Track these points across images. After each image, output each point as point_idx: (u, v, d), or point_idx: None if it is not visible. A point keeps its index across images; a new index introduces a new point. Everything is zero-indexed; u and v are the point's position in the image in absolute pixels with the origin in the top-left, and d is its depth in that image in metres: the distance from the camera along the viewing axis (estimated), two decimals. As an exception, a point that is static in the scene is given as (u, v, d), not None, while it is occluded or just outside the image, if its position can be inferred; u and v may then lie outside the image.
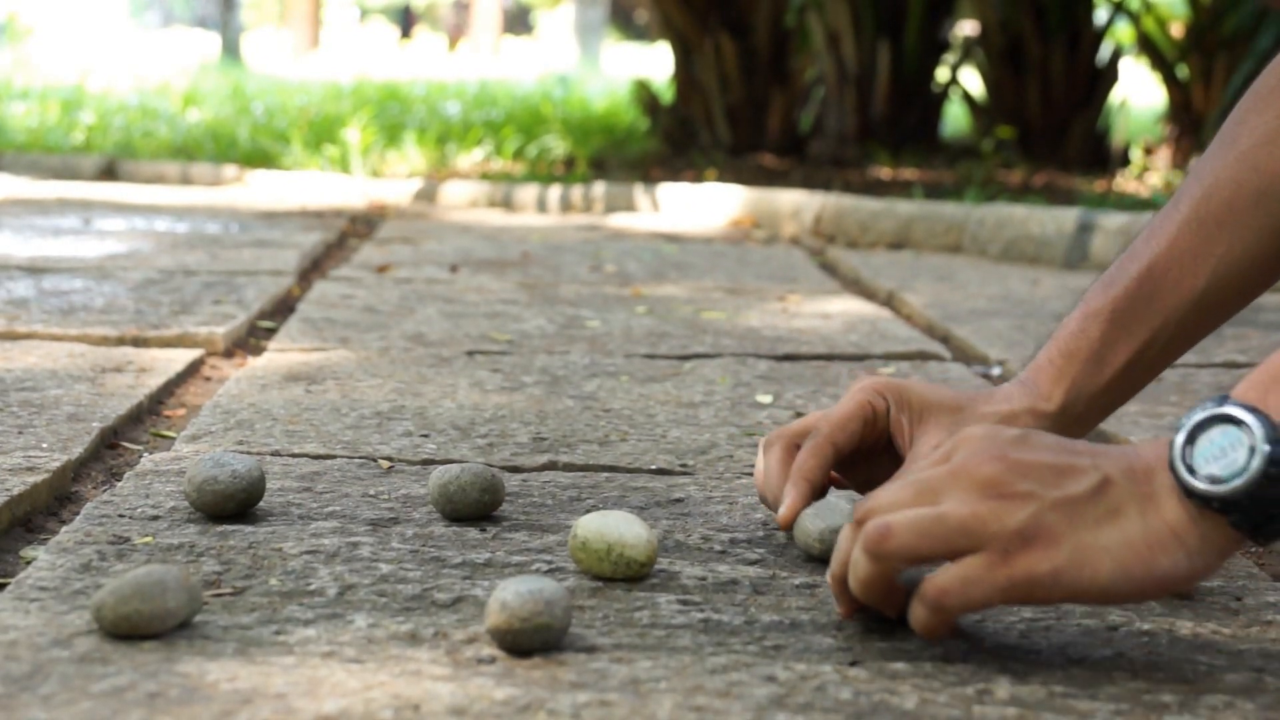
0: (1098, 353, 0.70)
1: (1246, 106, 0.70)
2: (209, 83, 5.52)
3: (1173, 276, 0.69)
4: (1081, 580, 0.52)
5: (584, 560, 0.64)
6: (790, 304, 1.57)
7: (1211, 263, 0.68)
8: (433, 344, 1.26)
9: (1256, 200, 0.68)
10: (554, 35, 19.10)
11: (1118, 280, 0.70)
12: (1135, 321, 0.69)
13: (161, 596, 0.56)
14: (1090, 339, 0.70)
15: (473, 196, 2.77)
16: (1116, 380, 0.71)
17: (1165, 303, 0.69)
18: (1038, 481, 0.53)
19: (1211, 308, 0.70)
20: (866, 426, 0.70)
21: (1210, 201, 0.68)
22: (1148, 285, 0.69)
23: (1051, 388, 0.70)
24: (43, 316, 1.30)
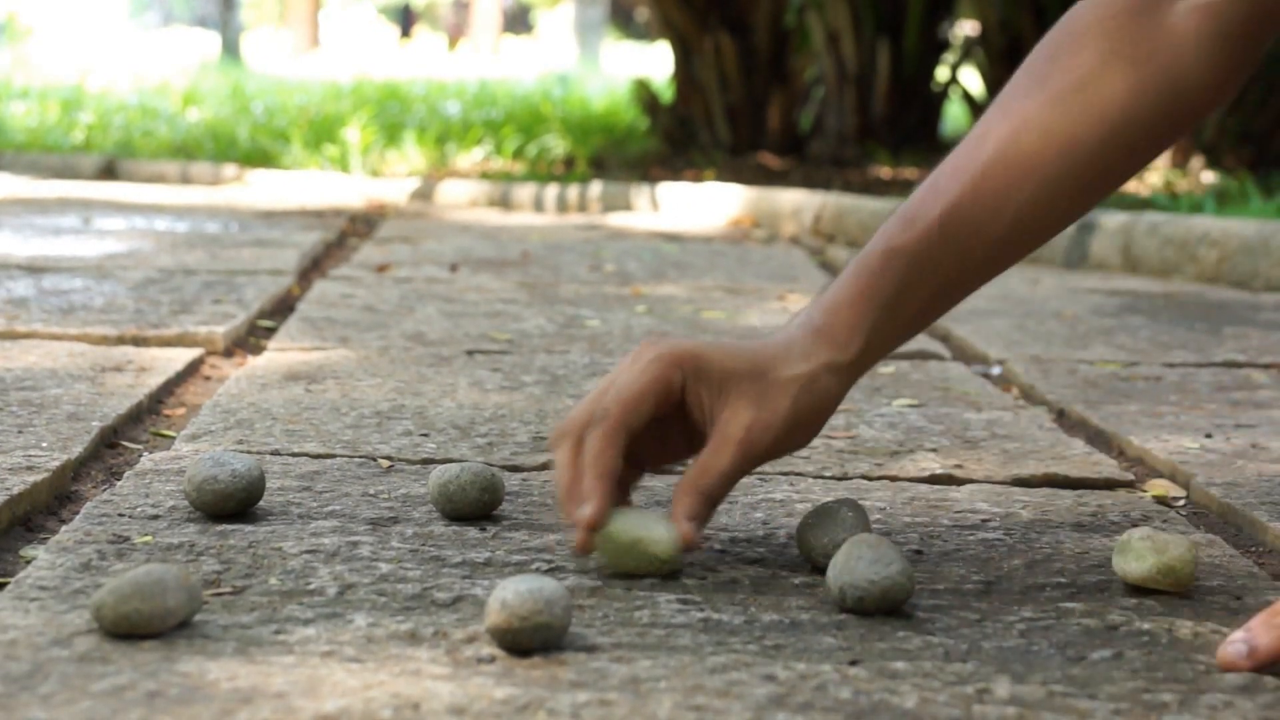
0: (897, 295, 0.66)
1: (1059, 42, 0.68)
2: (209, 82, 5.52)
3: (975, 219, 0.66)
4: None
5: (609, 552, 0.63)
6: (790, 303, 1.57)
7: (1015, 207, 0.66)
8: (432, 343, 1.26)
9: (1064, 147, 0.66)
10: (554, 34, 19.10)
11: (920, 217, 0.66)
12: (936, 263, 0.66)
13: (161, 596, 0.56)
14: (891, 280, 0.66)
15: (472, 196, 2.77)
16: (909, 323, 0.68)
17: (966, 245, 0.66)
18: None
19: (1008, 252, 0.68)
20: (659, 403, 0.63)
21: (1018, 144, 0.66)
22: (951, 226, 0.66)
23: (850, 335, 0.66)
24: (42, 316, 1.30)
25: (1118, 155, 0.68)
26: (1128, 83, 0.67)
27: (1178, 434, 0.97)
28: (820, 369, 0.65)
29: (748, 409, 0.64)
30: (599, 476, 0.62)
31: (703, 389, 0.64)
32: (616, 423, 0.62)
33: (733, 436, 0.64)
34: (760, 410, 0.64)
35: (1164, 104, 0.67)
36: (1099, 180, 0.69)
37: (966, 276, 0.68)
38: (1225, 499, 0.82)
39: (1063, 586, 0.66)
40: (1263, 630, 0.56)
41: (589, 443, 0.63)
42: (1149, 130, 0.68)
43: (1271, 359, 1.27)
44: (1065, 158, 0.67)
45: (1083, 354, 1.28)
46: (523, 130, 3.64)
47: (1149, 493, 0.86)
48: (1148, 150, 0.69)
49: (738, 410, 0.64)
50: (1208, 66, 0.67)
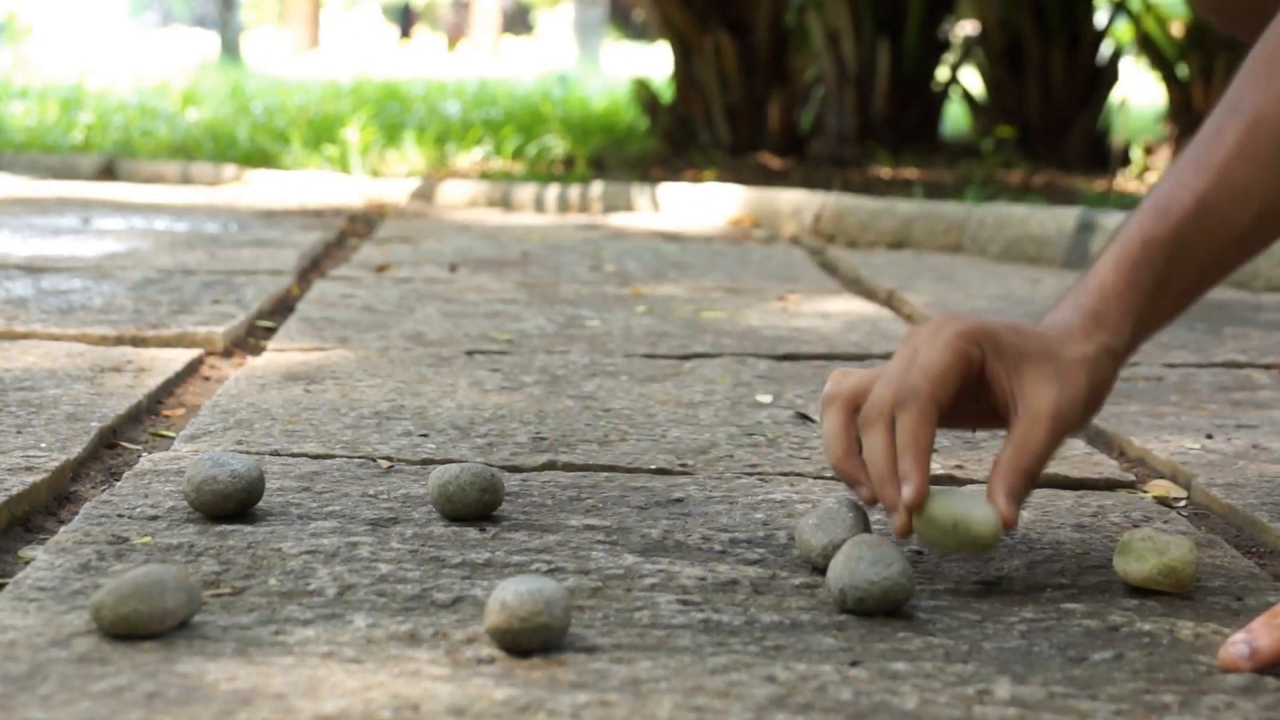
0: (1158, 285, 0.68)
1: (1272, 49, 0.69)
2: (208, 82, 5.52)
3: (1224, 209, 0.68)
4: None
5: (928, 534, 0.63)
6: (790, 304, 1.57)
7: (1258, 200, 0.68)
8: (432, 344, 1.26)
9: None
10: (553, 34, 19.10)
11: (1172, 209, 0.68)
12: (1191, 253, 0.68)
13: (160, 596, 0.56)
14: (1153, 270, 0.68)
15: (472, 196, 2.77)
16: (1167, 312, 0.70)
17: (1217, 235, 0.68)
18: None
19: (1253, 242, 0.70)
20: (964, 379, 0.65)
21: (1257, 135, 0.68)
22: (1202, 217, 0.68)
23: (1121, 323, 0.68)
24: (41, 316, 1.30)
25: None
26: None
27: (1179, 434, 0.97)
28: (1101, 352, 0.67)
29: (1051, 386, 0.65)
30: (917, 456, 0.63)
31: (1000, 365, 0.66)
32: (928, 400, 0.63)
33: (1045, 413, 0.65)
34: (1064, 388, 0.66)
35: None
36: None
37: (1218, 266, 0.70)
38: (1226, 500, 0.82)
39: (1064, 587, 0.66)
40: (1264, 631, 0.56)
41: (904, 422, 0.63)
42: None
43: (1272, 359, 1.26)
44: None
45: (1083, 354, 1.28)
46: (522, 130, 3.64)
47: (1150, 493, 0.85)
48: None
49: (1041, 388, 0.65)
50: None
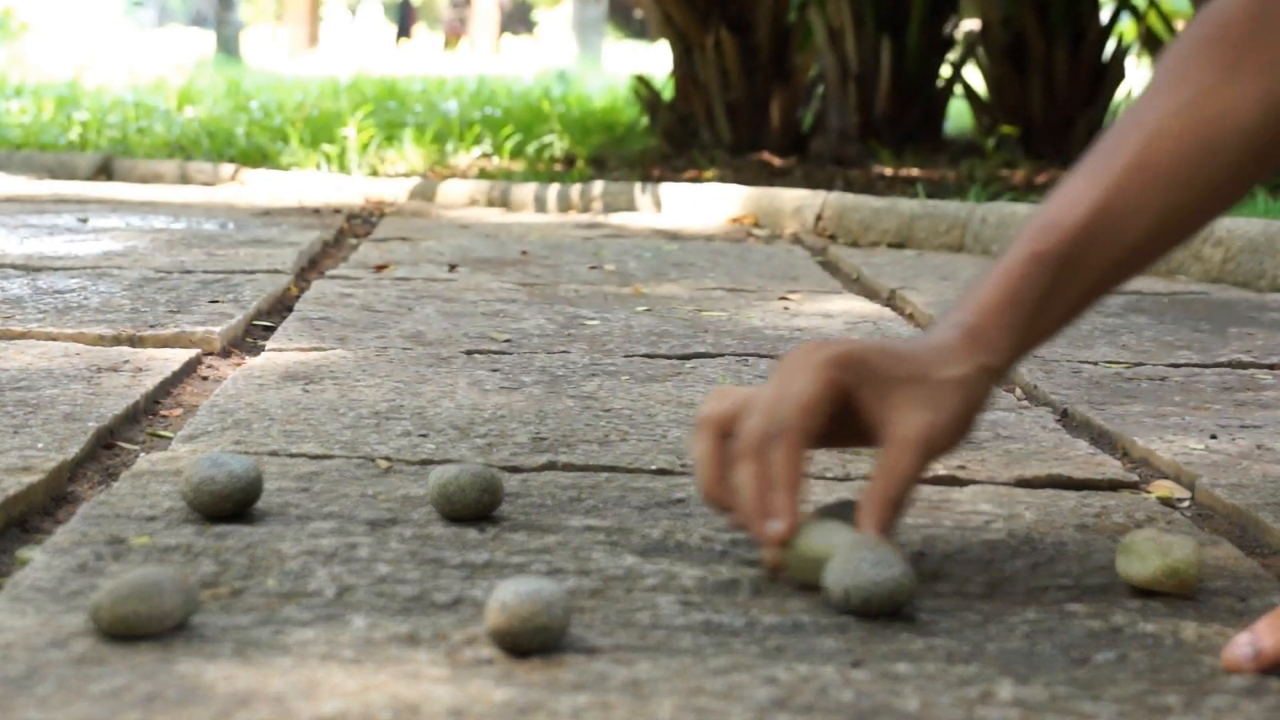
0: (1042, 300, 0.67)
1: (1186, 53, 0.69)
2: (205, 80, 5.51)
3: (1115, 225, 0.67)
4: None
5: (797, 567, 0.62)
6: (792, 303, 1.57)
7: (1152, 215, 0.67)
8: (431, 343, 1.25)
9: (1199, 154, 0.67)
10: (553, 32, 19.09)
11: (1060, 223, 0.67)
12: (1078, 268, 0.67)
13: (158, 597, 0.55)
14: (1037, 286, 0.66)
15: (471, 195, 2.77)
16: (1050, 328, 0.69)
17: (1106, 251, 0.67)
18: None
19: (1145, 255, 0.69)
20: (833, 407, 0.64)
21: (1153, 150, 0.67)
22: (1091, 232, 0.67)
23: (1000, 340, 0.67)
24: (38, 315, 1.30)
25: (1250, 161, 0.69)
26: (1257, 89, 0.67)
27: (1182, 435, 0.97)
28: (978, 371, 0.66)
29: (920, 411, 0.65)
30: (788, 491, 0.63)
31: (869, 391, 0.65)
32: (798, 434, 0.63)
33: (912, 439, 0.64)
34: (933, 412, 0.65)
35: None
36: (1232, 185, 0.70)
37: (1106, 280, 0.69)
38: (1230, 500, 0.81)
39: (1066, 588, 0.66)
40: (1268, 632, 0.55)
41: (775, 456, 0.63)
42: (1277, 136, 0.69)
43: (1277, 359, 1.26)
44: (1199, 165, 0.68)
45: (1086, 354, 1.28)
46: (522, 129, 3.64)
47: (1153, 494, 0.85)
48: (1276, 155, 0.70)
49: (909, 413, 0.65)
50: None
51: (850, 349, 0.66)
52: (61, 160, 3.14)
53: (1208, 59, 0.68)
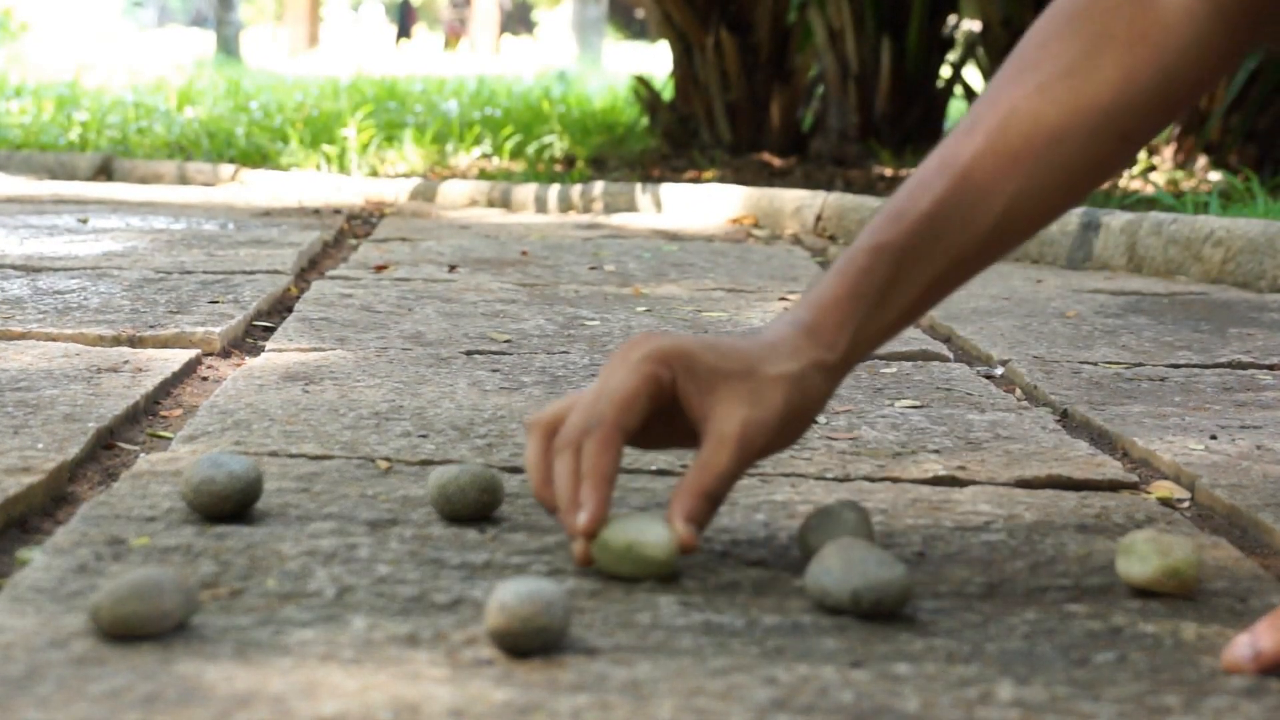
0: (883, 293, 0.65)
1: (1049, 28, 0.67)
2: (205, 80, 5.51)
3: (964, 213, 0.65)
4: None
5: (603, 560, 0.63)
6: (791, 303, 1.57)
7: (1004, 200, 0.65)
8: (431, 344, 1.25)
9: (1055, 137, 0.65)
10: (553, 33, 19.09)
11: (907, 213, 0.65)
12: (923, 259, 0.65)
13: (158, 598, 0.55)
14: (878, 278, 0.65)
15: (471, 195, 2.77)
16: (896, 320, 0.67)
17: (954, 240, 0.65)
18: None
19: (996, 244, 0.67)
20: (653, 402, 0.63)
21: (1007, 134, 0.65)
22: (939, 221, 0.65)
23: (836, 334, 0.65)
24: (38, 316, 1.30)
25: (1110, 142, 0.67)
26: (1120, 67, 0.65)
27: (1182, 435, 0.97)
28: (809, 367, 0.65)
29: (741, 407, 0.63)
30: (596, 483, 0.62)
31: (692, 386, 0.64)
32: (611, 428, 0.62)
33: (730, 435, 0.63)
34: (754, 408, 0.63)
35: (1158, 87, 0.66)
36: (1091, 169, 0.67)
37: (956, 271, 0.67)
38: (1231, 501, 0.81)
39: (1066, 589, 0.66)
40: (1268, 633, 0.55)
41: (586, 449, 0.62)
42: (1142, 115, 0.66)
43: (1277, 360, 1.26)
44: (1055, 147, 0.65)
45: (1086, 354, 1.28)
46: (522, 129, 3.64)
47: (1153, 494, 0.85)
48: (1141, 136, 0.68)
49: (731, 408, 0.63)
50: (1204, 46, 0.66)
51: (674, 343, 0.64)
52: (61, 160, 3.14)
53: (1071, 34, 0.66)
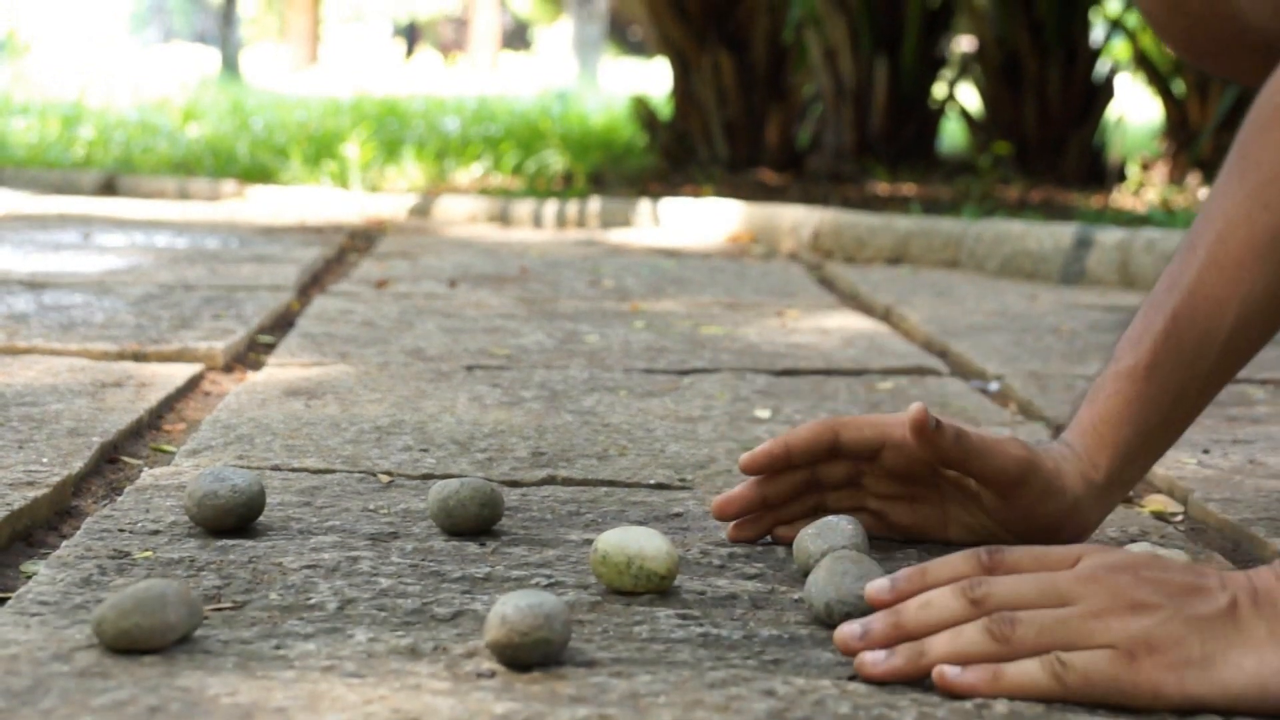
0: (1136, 413, 0.70)
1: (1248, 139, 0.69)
2: (208, 98, 5.54)
3: (1199, 325, 0.68)
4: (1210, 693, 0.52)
5: (605, 574, 0.64)
6: (788, 319, 1.58)
7: (1235, 306, 0.68)
8: (432, 359, 1.26)
9: (1272, 238, 0.68)
10: (552, 51, 19.17)
11: (1145, 335, 0.69)
12: (1167, 376, 0.69)
13: (162, 611, 0.56)
14: (1126, 401, 0.70)
15: (471, 212, 2.78)
16: (1156, 435, 0.71)
17: (1193, 352, 0.69)
18: (1168, 596, 0.54)
19: (1238, 349, 0.70)
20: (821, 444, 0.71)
21: (1226, 244, 0.68)
22: (1174, 338, 0.69)
23: (1096, 454, 0.70)
24: (43, 331, 1.31)
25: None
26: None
27: (1175, 450, 0.97)
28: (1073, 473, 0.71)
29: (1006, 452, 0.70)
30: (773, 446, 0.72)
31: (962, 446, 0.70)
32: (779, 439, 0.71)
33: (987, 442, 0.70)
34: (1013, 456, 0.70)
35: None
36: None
37: (1202, 383, 0.70)
38: (1223, 515, 0.82)
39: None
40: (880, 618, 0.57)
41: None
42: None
43: (1268, 375, 1.27)
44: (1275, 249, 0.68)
45: (1080, 369, 1.29)
46: (521, 146, 3.65)
47: (1147, 508, 0.86)
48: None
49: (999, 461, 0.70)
50: None
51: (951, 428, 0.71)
52: (66, 178, 3.15)
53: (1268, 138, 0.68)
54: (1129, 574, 0.55)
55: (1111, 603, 0.54)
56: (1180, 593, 0.54)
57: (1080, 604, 0.54)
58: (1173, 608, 0.53)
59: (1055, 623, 0.54)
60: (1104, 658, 0.53)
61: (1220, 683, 0.52)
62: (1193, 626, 0.53)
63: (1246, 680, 0.52)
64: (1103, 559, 0.56)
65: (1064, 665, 0.53)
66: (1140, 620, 0.53)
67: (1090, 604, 0.54)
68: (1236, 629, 0.53)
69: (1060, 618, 0.54)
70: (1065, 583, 0.55)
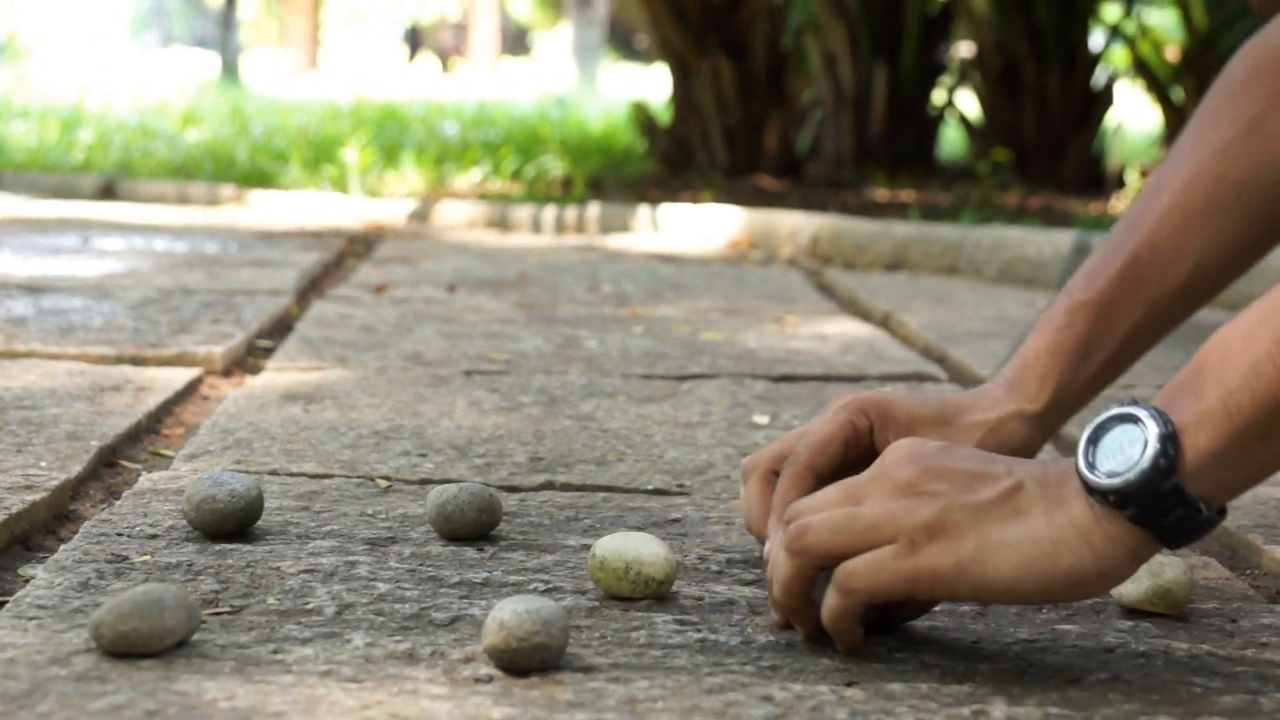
0: (1084, 348, 0.70)
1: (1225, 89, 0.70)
2: (208, 102, 5.55)
3: (1155, 269, 0.70)
4: (985, 575, 0.54)
5: (603, 580, 0.64)
6: (787, 325, 1.58)
7: (1193, 255, 0.69)
8: (430, 364, 1.26)
9: (1237, 193, 0.69)
10: (552, 56, 19.20)
11: (1101, 272, 0.70)
12: (1119, 315, 0.70)
13: (160, 615, 0.56)
14: (1076, 334, 0.70)
15: (470, 217, 2.79)
16: (1098, 374, 0.72)
17: (1147, 295, 0.70)
18: (951, 484, 0.56)
19: (1190, 298, 0.71)
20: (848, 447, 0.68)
21: (1191, 193, 0.69)
22: (1131, 278, 0.70)
23: (1039, 388, 0.70)
24: (41, 335, 1.31)
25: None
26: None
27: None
28: (1008, 416, 0.70)
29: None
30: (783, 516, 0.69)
31: (890, 433, 0.69)
32: (803, 467, 0.68)
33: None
34: None
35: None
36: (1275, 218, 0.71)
37: (1151, 326, 0.71)
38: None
39: (1059, 609, 0.66)
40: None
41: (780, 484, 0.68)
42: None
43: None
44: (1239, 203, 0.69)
45: (1078, 376, 1.29)
46: (521, 151, 3.66)
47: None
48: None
49: None
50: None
51: (874, 396, 0.70)
52: (65, 181, 3.16)
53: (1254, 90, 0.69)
54: (916, 465, 0.56)
55: (896, 495, 0.56)
56: (963, 479, 0.55)
57: (869, 500, 0.56)
58: (953, 494, 0.55)
59: (845, 520, 0.56)
60: (888, 553, 0.55)
61: (992, 563, 0.54)
62: (971, 511, 0.55)
63: (1017, 559, 0.54)
64: (895, 453, 0.58)
65: (849, 573, 0.56)
66: (923, 508, 0.55)
67: (878, 499, 0.56)
68: (1016, 511, 0.54)
69: (850, 515, 0.56)
70: (860, 482, 0.57)
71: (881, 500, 0.56)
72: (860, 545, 0.56)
